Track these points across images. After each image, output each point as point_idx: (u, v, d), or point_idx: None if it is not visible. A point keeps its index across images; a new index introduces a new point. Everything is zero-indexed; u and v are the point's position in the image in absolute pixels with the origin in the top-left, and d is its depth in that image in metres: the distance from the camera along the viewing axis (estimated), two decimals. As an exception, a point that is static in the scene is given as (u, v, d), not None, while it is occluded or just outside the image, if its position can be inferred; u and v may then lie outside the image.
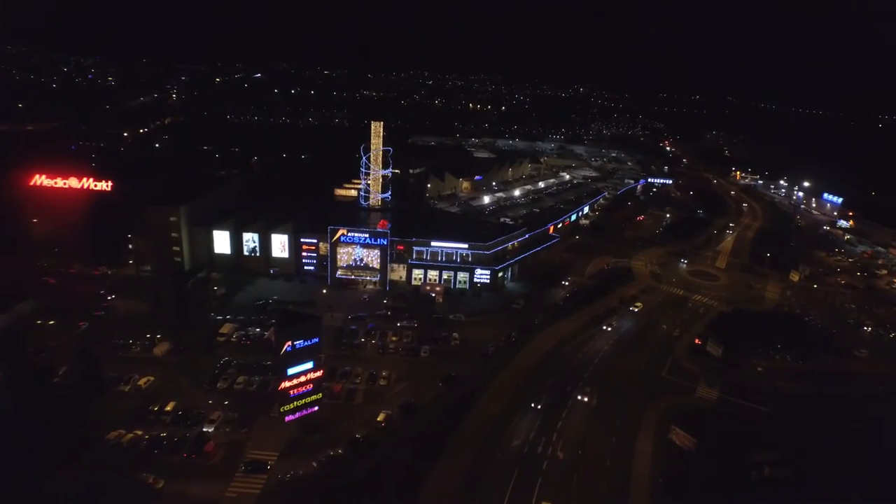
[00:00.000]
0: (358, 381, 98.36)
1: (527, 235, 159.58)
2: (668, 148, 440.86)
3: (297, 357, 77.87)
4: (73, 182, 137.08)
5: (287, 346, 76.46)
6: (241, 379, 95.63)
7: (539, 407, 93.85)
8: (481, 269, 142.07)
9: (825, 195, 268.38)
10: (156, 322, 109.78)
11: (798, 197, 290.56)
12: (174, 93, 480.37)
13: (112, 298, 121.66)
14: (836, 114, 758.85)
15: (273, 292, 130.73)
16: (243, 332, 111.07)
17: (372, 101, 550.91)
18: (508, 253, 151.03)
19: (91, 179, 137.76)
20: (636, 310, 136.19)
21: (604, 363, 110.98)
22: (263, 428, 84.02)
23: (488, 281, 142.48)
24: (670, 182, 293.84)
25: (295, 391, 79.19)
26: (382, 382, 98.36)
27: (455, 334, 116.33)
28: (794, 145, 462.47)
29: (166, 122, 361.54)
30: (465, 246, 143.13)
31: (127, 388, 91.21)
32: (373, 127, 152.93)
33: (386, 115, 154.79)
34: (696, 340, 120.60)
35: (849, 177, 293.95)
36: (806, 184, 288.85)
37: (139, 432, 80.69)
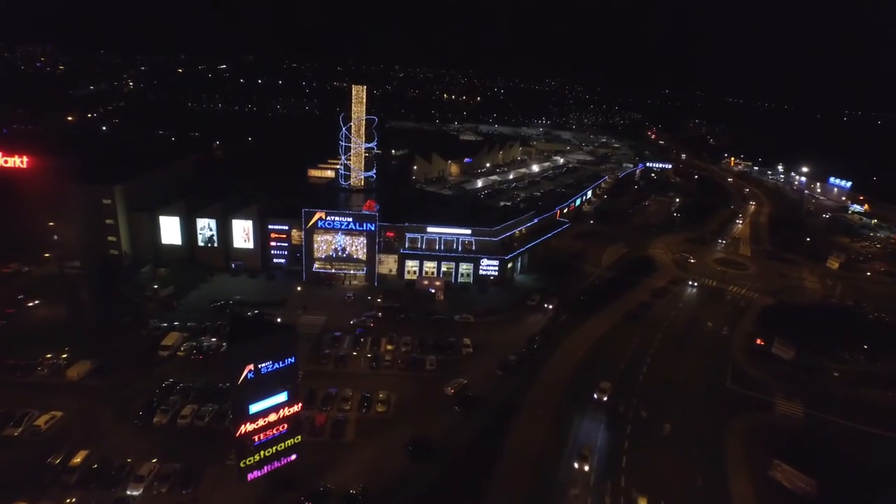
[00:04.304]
0: (347, 407, 73.61)
1: (535, 220, 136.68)
2: (655, 138, 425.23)
3: (262, 386, 52.29)
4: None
5: (247, 370, 50.76)
6: (187, 410, 70.06)
7: (593, 437, 71.15)
8: (489, 259, 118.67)
9: (831, 179, 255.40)
10: (74, 333, 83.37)
11: (801, 182, 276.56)
12: (131, 81, 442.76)
13: (34, 305, 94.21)
14: (801, 106, 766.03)
15: (234, 291, 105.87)
16: (194, 344, 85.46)
17: (342, 92, 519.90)
18: (516, 240, 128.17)
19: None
20: (604, 398, 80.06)
21: (653, 371, 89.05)
22: (217, 484, 58.88)
23: (497, 273, 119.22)
24: (669, 167, 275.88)
25: (261, 436, 53.56)
26: (380, 408, 73.96)
27: (466, 340, 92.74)
28: (778, 133, 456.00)
29: (120, 104, 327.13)
30: (468, 232, 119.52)
31: (17, 432, 63.89)
32: (354, 91, 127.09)
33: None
34: (759, 341, 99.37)
35: (850, 161, 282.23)
36: (805, 169, 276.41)
37: (23, 504, 54.20)
